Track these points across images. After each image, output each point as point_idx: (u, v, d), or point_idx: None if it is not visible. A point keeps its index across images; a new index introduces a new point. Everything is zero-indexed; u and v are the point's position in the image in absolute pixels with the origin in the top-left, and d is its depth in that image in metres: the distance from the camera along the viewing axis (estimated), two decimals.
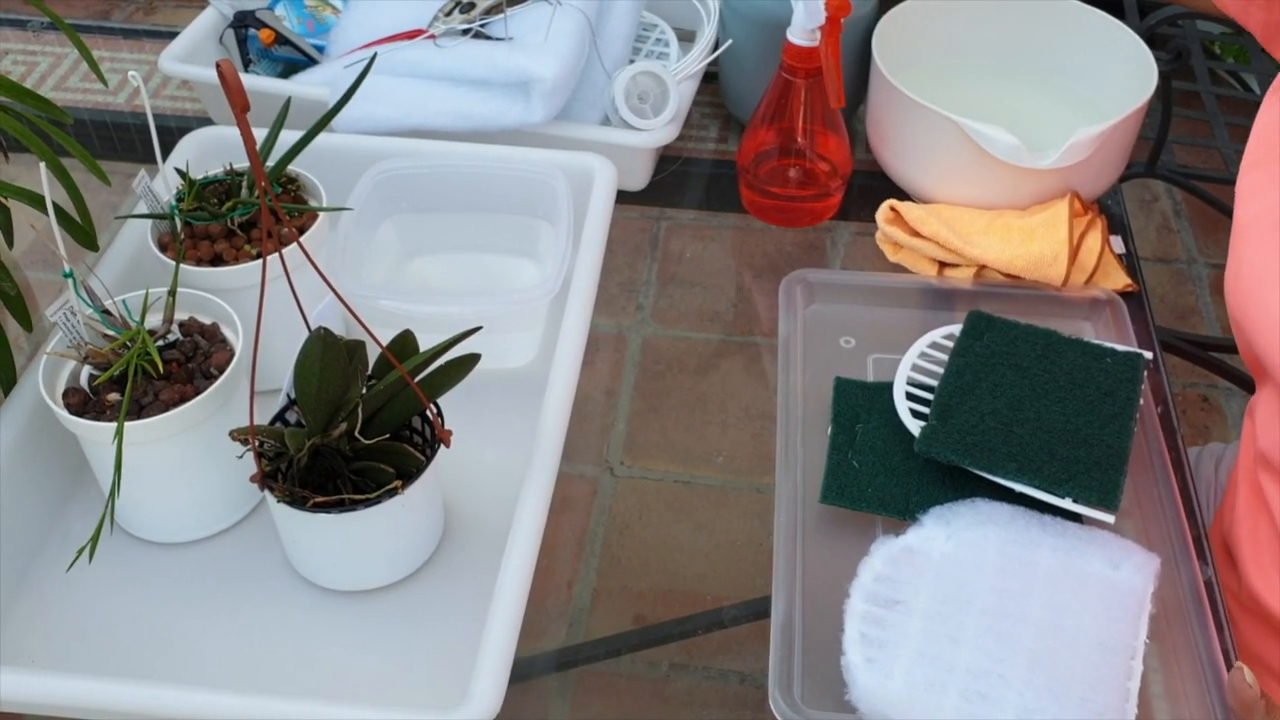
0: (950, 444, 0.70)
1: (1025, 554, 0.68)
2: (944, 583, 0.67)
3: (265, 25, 1.05)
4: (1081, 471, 0.70)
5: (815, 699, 0.65)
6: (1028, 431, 0.72)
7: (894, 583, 0.67)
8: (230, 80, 0.52)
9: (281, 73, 1.07)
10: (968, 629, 0.65)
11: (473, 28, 0.96)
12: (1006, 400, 0.74)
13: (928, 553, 0.68)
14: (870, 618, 0.65)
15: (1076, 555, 0.69)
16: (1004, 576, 0.67)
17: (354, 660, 0.69)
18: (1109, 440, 0.73)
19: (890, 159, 0.98)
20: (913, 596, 0.66)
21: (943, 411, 0.72)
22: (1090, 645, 0.65)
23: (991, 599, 0.66)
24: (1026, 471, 0.70)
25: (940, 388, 0.74)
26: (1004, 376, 0.76)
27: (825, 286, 0.88)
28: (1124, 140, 0.93)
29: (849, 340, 0.85)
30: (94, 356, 0.69)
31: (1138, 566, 0.69)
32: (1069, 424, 0.73)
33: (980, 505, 0.70)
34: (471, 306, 0.81)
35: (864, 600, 0.66)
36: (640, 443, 0.84)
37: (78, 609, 0.71)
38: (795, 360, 0.82)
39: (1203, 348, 1.55)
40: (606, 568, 0.77)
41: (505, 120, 0.93)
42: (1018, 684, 0.63)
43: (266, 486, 0.66)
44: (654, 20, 1.11)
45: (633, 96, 0.96)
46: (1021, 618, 0.66)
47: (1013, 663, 0.64)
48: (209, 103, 1.08)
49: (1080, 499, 0.70)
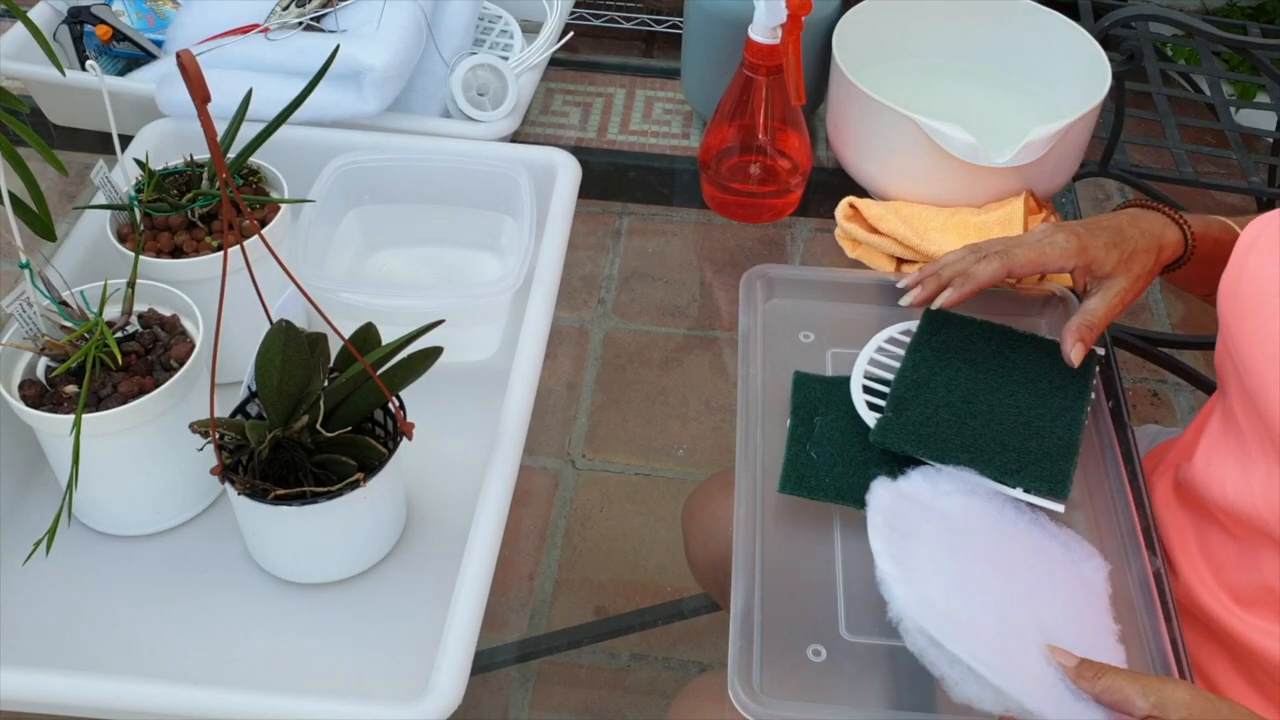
0: (904, 435, 0.72)
1: (1006, 530, 0.70)
2: (946, 533, 0.68)
3: (102, 21, 1.02)
4: (1032, 462, 0.72)
5: (774, 688, 0.65)
6: (980, 423, 0.73)
7: (905, 518, 0.67)
8: (191, 71, 0.52)
9: (122, 69, 1.04)
10: (982, 580, 0.66)
11: (304, 21, 0.96)
12: (961, 393, 0.75)
13: (923, 502, 0.69)
14: (895, 541, 0.65)
15: (1044, 546, 0.71)
16: (994, 545, 0.69)
17: (315, 653, 0.69)
18: (1060, 432, 0.75)
19: (849, 156, 0.99)
20: (926, 535, 0.67)
21: (898, 404, 0.73)
22: (1083, 626, 0.67)
23: (994, 561, 0.68)
24: (978, 461, 0.71)
25: (896, 381, 0.76)
26: (959, 371, 0.77)
27: (785, 281, 0.89)
28: (1078, 139, 0.95)
29: (808, 335, 0.85)
30: (51, 348, 0.69)
31: (1095, 568, 0.72)
32: (1021, 416, 0.75)
33: (961, 476, 0.72)
34: (434, 300, 0.81)
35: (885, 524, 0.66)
36: (602, 436, 0.85)
37: (35, 602, 0.70)
38: (755, 354, 0.83)
39: (1152, 343, 1.58)
40: (568, 560, 0.78)
41: (338, 110, 0.93)
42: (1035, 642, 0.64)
43: (227, 479, 0.66)
44: (498, 12, 1.12)
45: (471, 89, 0.96)
46: (1024, 585, 0.67)
47: (1028, 623, 0.65)
48: (42, 101, 1.04)
49: (1031, 489, 0.71)
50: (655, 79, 1.16)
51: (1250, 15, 2.28)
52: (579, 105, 1.12)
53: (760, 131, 0.96)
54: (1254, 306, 0.72)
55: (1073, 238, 0.78)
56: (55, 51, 0.71)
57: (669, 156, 1.08)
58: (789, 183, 0.98)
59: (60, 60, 0.77)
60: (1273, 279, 0.71)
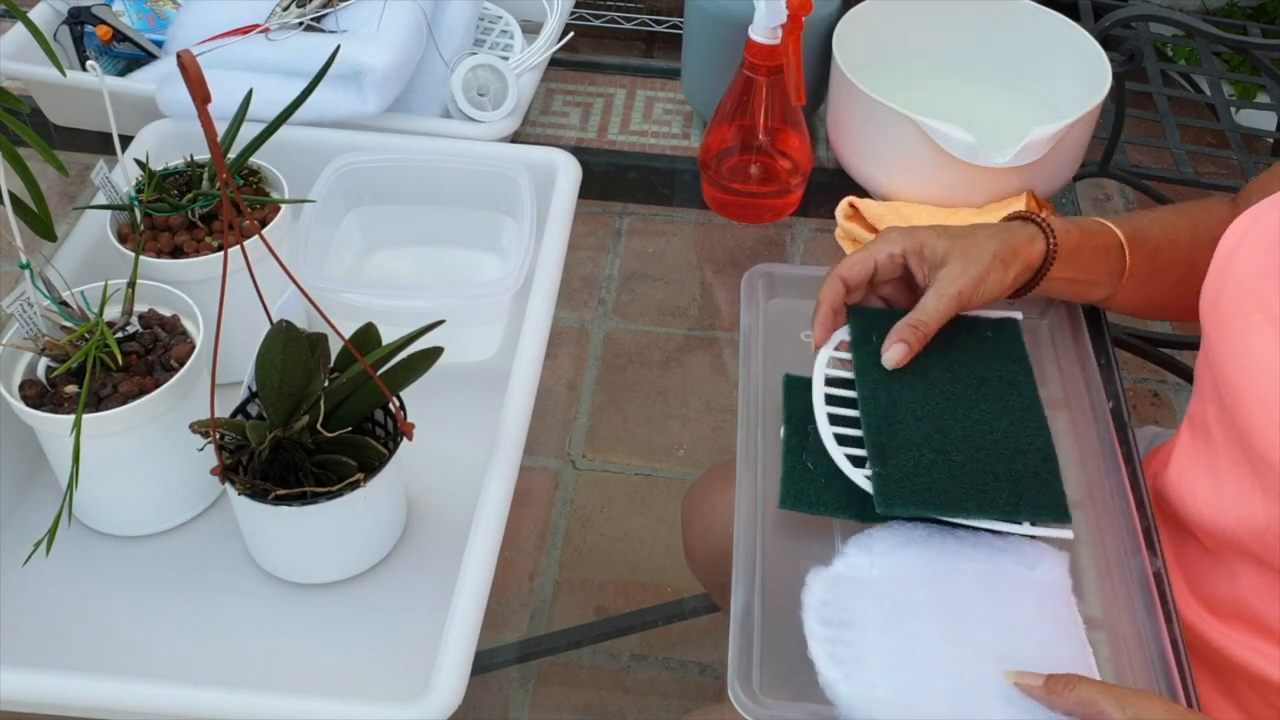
0: (906, 497, 0.70)
1: (950, 566, 0.70)
2: (886, 601, 0.68)
3: (103, 21, 1.02)
4: (1026, 490, 0.71)
5: (774, 688, 0.65)
6: (965, 456, 0.72)
7: (841, 606, 0.67)
8: (191, 71, 0.52)
9: (122, 70, 1.04)
10: (927, 637, 0.66)
11: (305, 21, 0.96)
12: (929, 420, 0.74)
13: (860, 578, 0.69)
14: (832, 638, 0.65)
15: (995, 562, 0.70)
16: (938, 587, 0.68)
17: (316, 653, 0.69)
18: (1035, 444, 0.74)
19: (850, 156, 0.99)
20: (863, 616, 0.67)
21: (880, 453, 0.72)
22: (1045, 634, 0.67)
23: (938, 607, 0.67)
24: (985, 507, 0.70)
25: (865, 425, 0.74)
26: (914, 389, 0.75)
27: (787, 281, 0.89)
28: (1078, 140, 0.95)
29: (809, 334, 0.85)
30: (51, 348, 0.69)
31: (1052, 564, 0.71)
32: (992, 434, 0.74)
33: (897, 528, 0.71)
34: (434, 300, 0.81)
35: (820, 624, 0.66)
36: (602, 436, 0.85)
37: (35, 602, 0.70)
38: (756, 354, 0.82)
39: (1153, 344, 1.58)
40: (568, 560, 0.78)
41: (338, 111, 0.93)
42: (992, 676, 0.64)
43: (227, 479, 0.66)
44: (498, 12, 1.12)
45: (471, 89, 0.96)
46: (972, 620, 0.67)
47: (982, 660, 0.65)
48: (43, 102, 1.04)
49: (1038, 521, 0.71)
50: (655, 79, 1.16)
51: (1250, 15, 2.28)
52: (579, 105, 1.12)
53: (761, 132, 0.96)
54: (1234, 323, 0.70)
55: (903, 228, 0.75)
56: (55, 52, 0.72)
57: (669, 157, 1.08)
58: (789, 183, 0.98)
59: (60, 60, 0.77)
60: (1251, 294, 0.70)
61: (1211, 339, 0.72)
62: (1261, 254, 0.70)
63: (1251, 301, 0.69)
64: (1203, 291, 0.74)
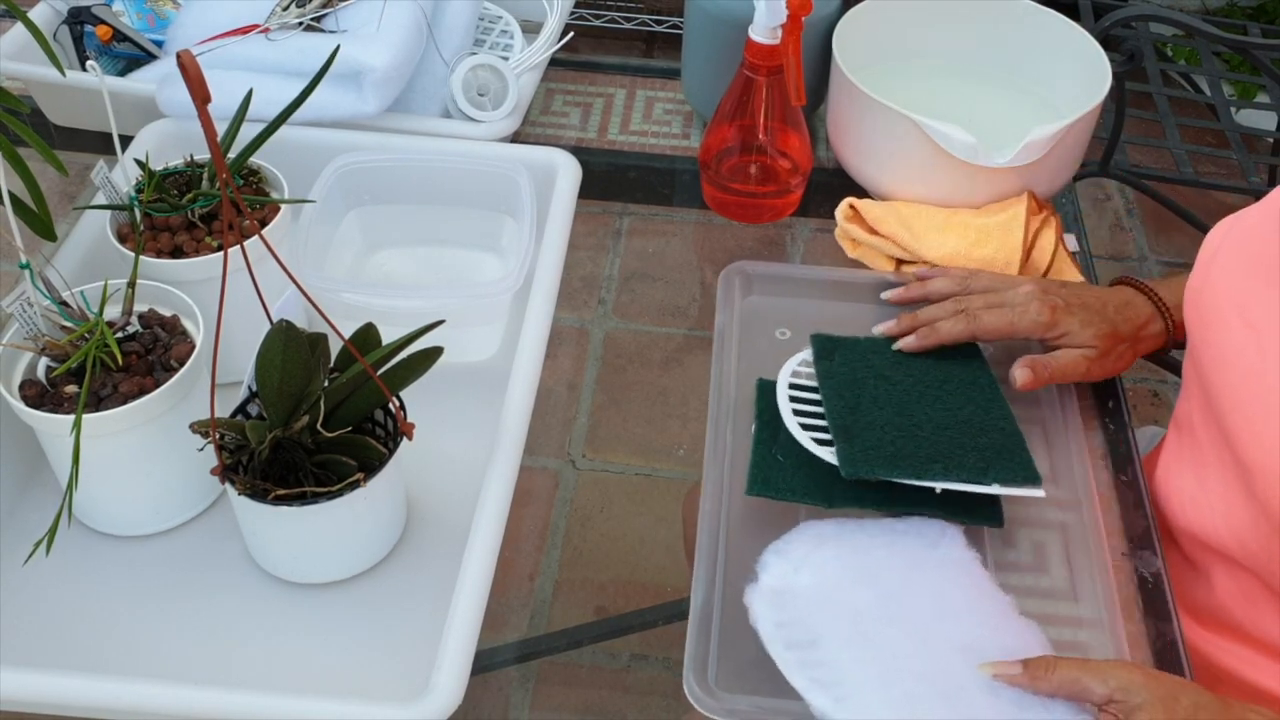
0: (873, 461, 0.72)
1: (869, 560, 0.70)
2: (834, 608, 0.68)
3: (102, 21, 1.02)
4: (994, 458, 0.73)
5: (731, 683, 0.66)
6: (930, 433, 0.74)
7: (798, 624, 0.67)
8: (191, 71, 0.52)
9: (122, 70, 1.04)
10: (895, 641, 0.66)
11: (305, 21, 0.96)
12: (893, 409, 0.76)
13: (795, 589, 0.69)
14: (807, 662, 0.65)
15: (901, 547, 0.71)
16: (875, 585, 0.69)
17: (315, 653, 0.69)
18: (1000, 424, 0.76)
19: (850, 156, 0.99)
20: (822, 630, 0.67)
21: (845, 433, 0.73)
22: (988, 613, 0.67)
23: (887, 606, 0.68)
24: (951, 470, 0.71)
25: (829, 414, 0.75)
26: (876, 388, 0.78)
27: (763, 278, 0.89)
28: (1078, 140, 0.95)
29: (784, 331, 0.86)
30: (51, 348, 0.69)
31: (951, 540, 0.71)
32: (957, 417, 0.76)
33: (805, 530, 0.72)
34: (434, 300, 0.81)
35: (787, 648, 0.66)
36: (602, 436, 0.85)
37: (35, 602, 0.70)
38: (730, 351, 0.83)
39: None
40: (568, 560, 0.78)
41: (338, 111, 0.93)
42: (966, 669, 0.64)
43: (227, 479, 0.66)
44: (498, 12, 1.12)
45: (471, 89, 0.96)
46: (925, 615, 0.67)
47: (950, 654, 0.65)
48: (43, 102, 1.04)
49: (1007, 482, 0.72)
50: (656, 79, 1.16)
51: (1250, 15, 2.28)
52: (579, 105, 1.12)
53: (760, 132, 0.96)
54: (1214, 325, 0.71)
55: (1046, 310, 0.79)
56: (55, 52, 0.72)
57: (669, 157, 1.08)
58: (789, 183, 0.98)
59: (60, 60, 0.77)
60: (1229, 297, 0.70)
61: (1194, 339, 0.72)
62: (1240, 257, 0.70)
63: (1230, 305, 0.70)
64: (1186, 291, 0.74)
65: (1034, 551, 0.74)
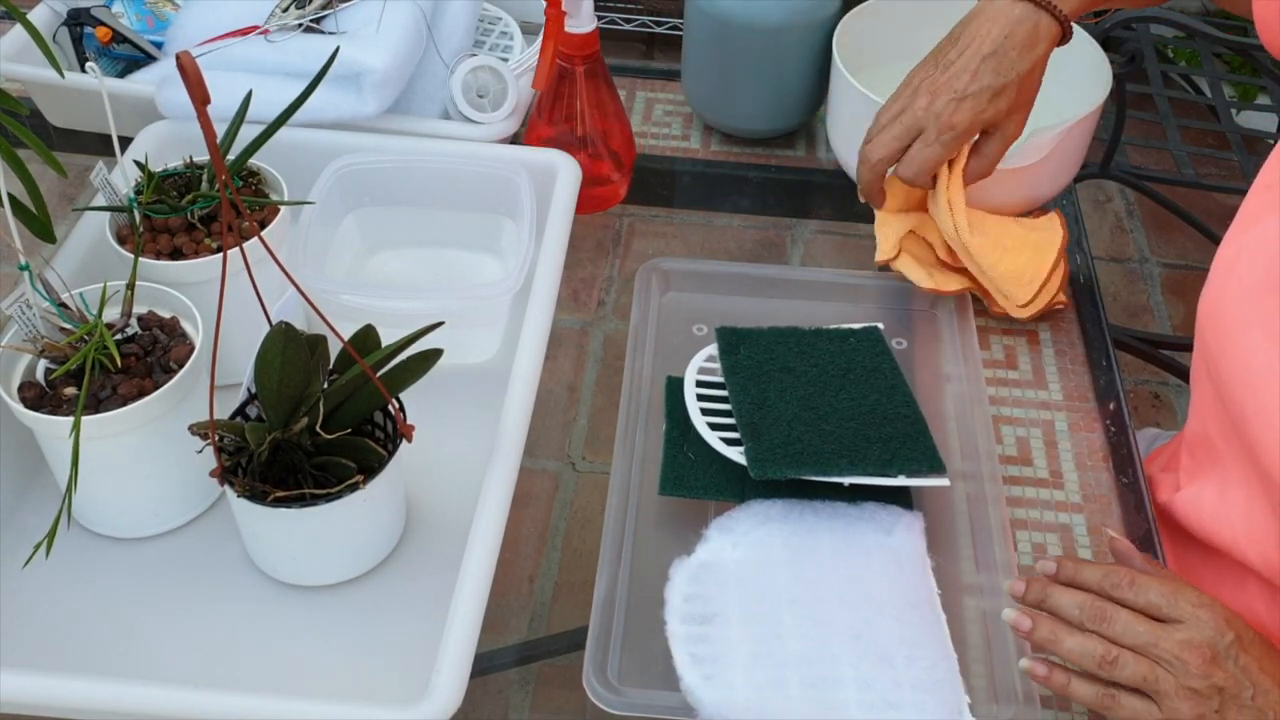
0: (780, 460, 0.72)
1: (809, 541, 0.71)
2: (747, 586, 0.69)
3: (102, 23, 1.01)
4: (899, 448, 0.73)
5: (632, 677, 0.66)
6: (835, 426, 0.75)
7: (703, 599, 0.68)
8: (190, 73, 0.52)
9: (122, 71, 1.04)
10: (786, 622, 0.67)
11: (304, 22, 0.96)
12: (798, 402, 0.76)
13: (723, 563, 0.70)
14: (693, 637, 0.66)
15: (852, 531, 0.72)
16: (798, 566, 0.69)
17: (315, 655, 0.69)
18: (903, 412, 0.76)
19: (850, 157, 0.99)
20: (725, 607, 0.68)
21: (753, 432, 0.74)
22: (899, 605, 0.68)
23: (797, 588, 0.68)
24: (857, 464, 0.72)
25: (736, 411, 0.76)
26: (781, 381, 0.78)
27: (680, 274, 0.89)
28: (1079, 141, 0.95)
29: (701, 328, 0.87)
30: (50, 350, 0.69)
31: (907, 527, 0.72)
32: (860, 407, 0.76)
33: (756, 506, 0.73)
34: (434, 302, 0.81)
35: (681, 622, 0.67)
36: (602, 438, 0.85)
37: (35, 605, 0.70)
38: (645, 348, 0.84)
39: (1154, 345, 1.58)
40: (568, 562, 0.78)
41: (338, 112, 0.92)
42: (848, 659, 0.65)
43: (226, 481, 0.66)
44: (498, 13, 1.12)
45: (471, 90, 0.96)
46: (830, 599, 0.68)
47: (838, 642, 0.66)
48: (42, 103, 1.04)
49: (912, 473, 0.72)
50: (656, 80, 1.16)
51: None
52: None
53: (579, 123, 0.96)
54: (1235, 339, 0.70)
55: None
56: (55, 53, 0.71)
57: (669, 158, 1.08)
58: (612, 175, 0.98)
59: (60, 62, 0.77)
60: (1251, 309, 0.69)
61: (1213, 352, 0.72)
62: (1260, 269, 0.70)
63: (1252, 317, 0.69)
64: (1202, 301, 0.73)
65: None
